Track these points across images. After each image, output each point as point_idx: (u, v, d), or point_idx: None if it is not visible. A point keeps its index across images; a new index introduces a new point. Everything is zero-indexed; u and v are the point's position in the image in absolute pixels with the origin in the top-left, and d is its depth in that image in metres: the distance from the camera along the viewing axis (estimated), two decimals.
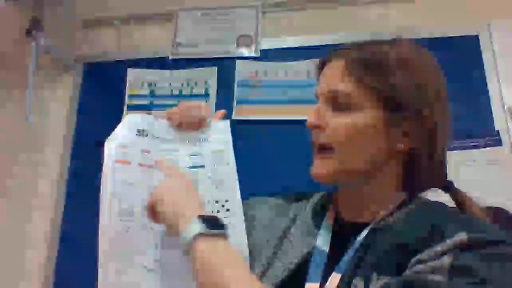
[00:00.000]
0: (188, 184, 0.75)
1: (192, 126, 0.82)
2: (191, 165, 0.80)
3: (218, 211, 0.79)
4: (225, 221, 0.75)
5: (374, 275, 0.66)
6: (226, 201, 0.80)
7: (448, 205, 0.79)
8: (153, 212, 0.73)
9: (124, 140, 0.76)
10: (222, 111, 0.90)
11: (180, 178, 0.76)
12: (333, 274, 0.71)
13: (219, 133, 0.84)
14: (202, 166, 0.81)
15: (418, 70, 0.77)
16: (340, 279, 0.70)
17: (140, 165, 0.76)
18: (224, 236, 0.68)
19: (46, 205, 1.77)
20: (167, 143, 0.80)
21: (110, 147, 0.75)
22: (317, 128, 0.77)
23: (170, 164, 0.79)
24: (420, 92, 0.76)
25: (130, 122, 0.78)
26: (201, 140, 0.82)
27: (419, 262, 0.64)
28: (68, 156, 1.80)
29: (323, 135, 0.76)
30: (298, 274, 0.76)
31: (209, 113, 0.85)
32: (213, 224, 0.67)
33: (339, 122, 0.75)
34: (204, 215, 0.68)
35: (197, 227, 0.66)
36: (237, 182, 0.82)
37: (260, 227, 0.87)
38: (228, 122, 0.86)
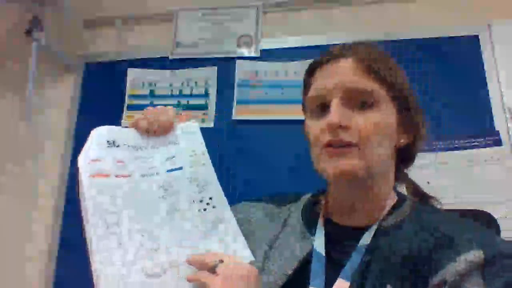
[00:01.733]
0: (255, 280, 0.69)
1: (161, 131, 0.80)
2: (168, 168, 0.80)
3: (204, 209, 0.79)
4: (214, 216, 0.77)
5: (389, 287, 0.66)
6: (210, 198, 0.80)
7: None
8: None
9: (95, 154, 0.75)
10: (187, 113, 0.88)
11: (249, 273, 0.69)
12: (340, 280, 0.71)
13: (190, 135, 0.83)
14: (179, 168, 0.80)
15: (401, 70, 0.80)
16: (350, 287, 0.69)
17: (117, 176, 0.75)
18: None
19: (46, 205, 1.77)
20: (140, 151, 0.79)
21: (82, 164, 0.74)
22: (343, 128, 0.72)
23: (236, 259, 0.72)
24: (411, 90, 0.80)
25: (97, 135, 0.77)
26: (173, 143, 0.82)
27: (444, 283, 0.64)
28: (68, 156, 1.80)
29: (348, 135, 0.72)
30: (297, 278, 0.75)
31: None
32: None
33: (366, 121, 0.73)
34: None
35: None
36: (216, 179, 0.81)
37: (253, 230, 0.86)
38: (196, 123, 0.85)
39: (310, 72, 0.81)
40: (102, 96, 1.84)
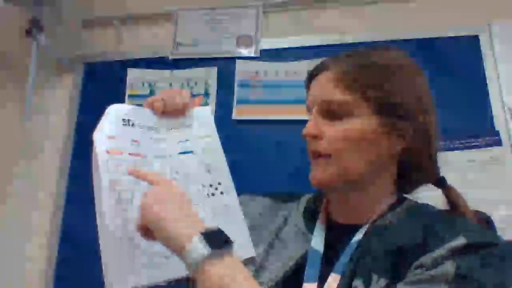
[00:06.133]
0: (180, 194, 0.69)
1: (175, 113, 0.81)
2: (180, 151, 0.80)
3: (213, 194, 0.80)
4: (221, 203, 0.78)
5: (374, 276, 0.68)
6: (219, 183, 0.81)
7: (437, 205, 0.81)
8: (146, 229, 0.66)
9: (111, 130, 0.75)
10: (200, 97, 0.89)
11: (170, 187, 0.70)
12: (332, 274, 0.72)
13: (203, 119, 0.84)
14: (191, 152, 0.81)
15: (409, 76, 0.79)
16: (340, 279, 0.71)
17: (131, 154, 0.75)
18: (230, 251, 0.63)
19: (46, 205, 1.76)
20: (154, 132, 0.79)
21: (100, 138, 0.73)
22: (314, 138, 0.77)
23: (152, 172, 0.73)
24: (414, 97, 0.78)
25: (114, 112, 0.77)
26: (186, 126, 0.82)
27: (420, 266, 0.65)
28: (68, 156, 1.80)
29: (321, 145, 0.77)
30: (294, 276, 0.76)
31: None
32: (217, 240, 0.62)
33: (335, 131, 0.76)
34: (206, 231, 0.62)
35: (203, 248, 0.60)
36: (226, 164, 0.82)
37: (253, 225, 0.85)
38: (209, 107, 0.87)
39: (308, 80, 0.84)
40: (102, 96, 1.83)
